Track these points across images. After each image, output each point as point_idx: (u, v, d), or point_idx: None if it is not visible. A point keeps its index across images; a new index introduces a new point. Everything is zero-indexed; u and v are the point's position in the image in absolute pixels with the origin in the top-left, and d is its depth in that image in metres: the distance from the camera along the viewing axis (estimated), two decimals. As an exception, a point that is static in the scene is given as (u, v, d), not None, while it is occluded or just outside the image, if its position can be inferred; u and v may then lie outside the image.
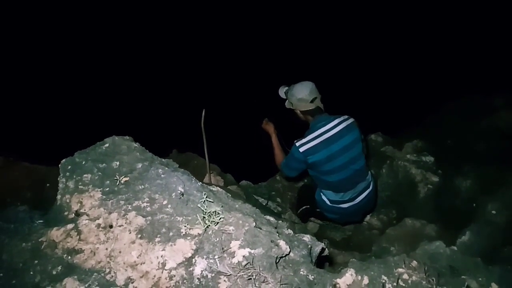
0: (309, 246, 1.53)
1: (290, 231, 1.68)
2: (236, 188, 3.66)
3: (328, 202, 2.87)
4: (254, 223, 1.37)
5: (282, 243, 1.38)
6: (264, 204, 3.89)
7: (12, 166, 2.69)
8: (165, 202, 1.44)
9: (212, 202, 1.45)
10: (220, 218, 1.36)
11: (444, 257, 1.49)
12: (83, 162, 1.63)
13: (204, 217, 1.37)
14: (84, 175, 1.56)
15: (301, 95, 2.63)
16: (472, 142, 4.13)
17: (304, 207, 3.33)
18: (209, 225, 1.34)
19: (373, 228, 3.31)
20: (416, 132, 4.76)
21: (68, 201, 1.51)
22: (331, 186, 2.76)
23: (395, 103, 6.25)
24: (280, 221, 1.77)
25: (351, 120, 2.64)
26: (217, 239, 1.31)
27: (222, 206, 1.46)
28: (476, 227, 2.14)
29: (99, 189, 1.51)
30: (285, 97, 2.81)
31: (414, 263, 1.31)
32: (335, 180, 2.69)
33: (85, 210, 1.45)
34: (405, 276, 1.29)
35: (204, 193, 1.51)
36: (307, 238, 1.64)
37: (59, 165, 1.64)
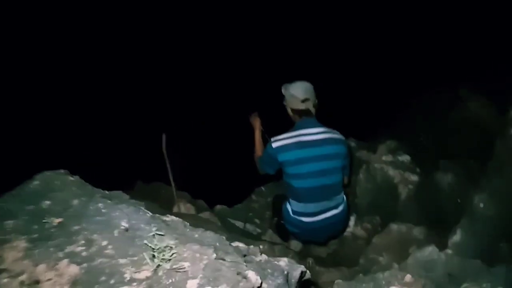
0: (285, 272, 1.30)
1: (263, 256, 1.45)
2: (209, 214, 3.41)
3: (290, 213, 2.74)
4: (215, 254, 1.14)
5: (251, 274, 1.14)
6: (241, 227, 3.64)
7: None
8: (105, 243, 1.19)
9: (163, 235, 1.21)
10: (173, 254, 1.12)
11: (440, 264, 1.29)
12: (6, 206, 1.35)
13: (153, 255, 1.12)
14: (6, 222, 1.28)
15: (295, 91, 2.58)
16: (444, 135, 4.07)
17: (275, 219, 3.17)
18: (159, 264, 1.10)
19: (358, 238, 3.12)
20: (388, 133, 4.69)
21: (-15, 256, 1.23)
22: (295, 193, 2.65)
23: (362, 107, 6.19)
24: (251, 246, 1.54)
25: (338, 136, 2.55)
26: (170, 280, 1.06)
27: (176, 239, 1.22)
28: (466, 224, 1.98)
29: (23, 237, 1.23)
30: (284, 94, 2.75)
31: (408, 277, 1.11)
32: (299, 186, 2.58)
33: (5, 265, 1.17)
34: (400, 295, 1.08)
35: (153, 225, 1.27)
36: (283, 262, 1.41)
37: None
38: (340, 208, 2.64)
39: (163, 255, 1.11)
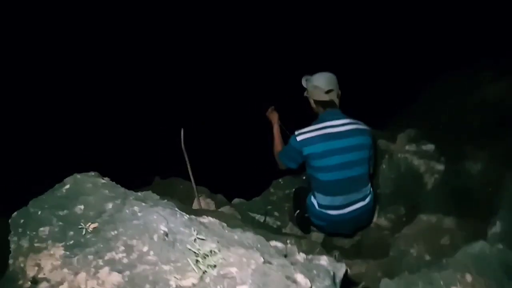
0: (331, 272, 1.25)
1: (303, 255, 1.40)
2: (230, 209, 3.37)
3: (316, 206, 2.67)
4: (262, 258, 1.09)
5: (299, 277, 1.09)
6: (261, 221, 3.60)
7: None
8: (145, 249, 1.14)
9: (205, 239, 1.16)
10: (219, 259, 1.07)
11: (493, 260, 1.23)
12: (39, 212, 1.31)
13: (197, 261, 1.07)
14: (41, 229, 1.24)
15: (318, 82, 2.52)
16: (466, 122, 3.96)
17: (297, 212, 3.10)
18: (205, 271, 1.05)
19: (382, 229, 3.06)
20: (406, 121, 4.58)
21: (22, 265, 1.19)
22: (321, 186, 2.58)
23: (376, 95, 6.06)
24: (289, 245, 1.49)
25: (364, 126, 2.48)
26: (218, 287, 1.02)
27: (218, 242, 1.17)
28: (506, 214, 1.91)
29: (60, 244, 1.19)
30: (305, 86, 2.69)
31: (469, 277, 1.04)
32: (326, 179, 2.51)
33: (44, 274, 1.14)
34: (462, 296, 1.03)
35: (193, 228, 1.22)
36: (324, 261, 1.36)
37: (9, 221, 1.32)
38: (367, 199, 2.58)
39: (208, 260, 1.06)
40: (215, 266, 1.06)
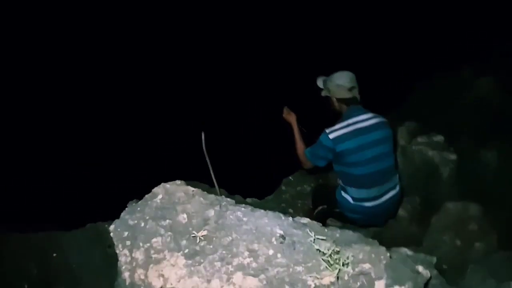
0: (431, 261, 1.34)
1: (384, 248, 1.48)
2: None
3: (351, 200, 2.75)
4: (388, 253, 1.16)
5: (420, 268, 1.18)
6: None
7: (4, 239, 2.23)
8: (271, 252, 1.18)
9: (324, 239, 1.21)
10: (349, 256, 1.13)
11: None
12: (142, 223, 1.31)
13: (328, 260, 1.12)
14: (153, 240, 1.24)
15: (340, 81, 2.58)
16: (460, 116, 4.21)
17: (320, 207, 3.18)
18: (340, 269, 1.10)
19: (400, 220, 3.20)
20: (399, 115, 4.80)
21: (143, 277, 1.19)
22: (355, 181, 2.65)
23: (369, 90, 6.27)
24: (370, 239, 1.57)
25: (384, 119, 2.58)
26: (358, 283, 1.07)
27: (334, 241, 1.23)
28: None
29: (178, 254, 1.20)
30: (322, 87, 2.73)
31: None
32: (361, 173, 2.58)
33: (172, 284, 1.14)
34: None
35: (303, 229, 1.27)
36: (410, 252, 1.46)
37: (111, 233, 1.31)
38: (398, 188, 2.69)
39: (340, 258, 1.12)
40: (347, 264, 1.11)
